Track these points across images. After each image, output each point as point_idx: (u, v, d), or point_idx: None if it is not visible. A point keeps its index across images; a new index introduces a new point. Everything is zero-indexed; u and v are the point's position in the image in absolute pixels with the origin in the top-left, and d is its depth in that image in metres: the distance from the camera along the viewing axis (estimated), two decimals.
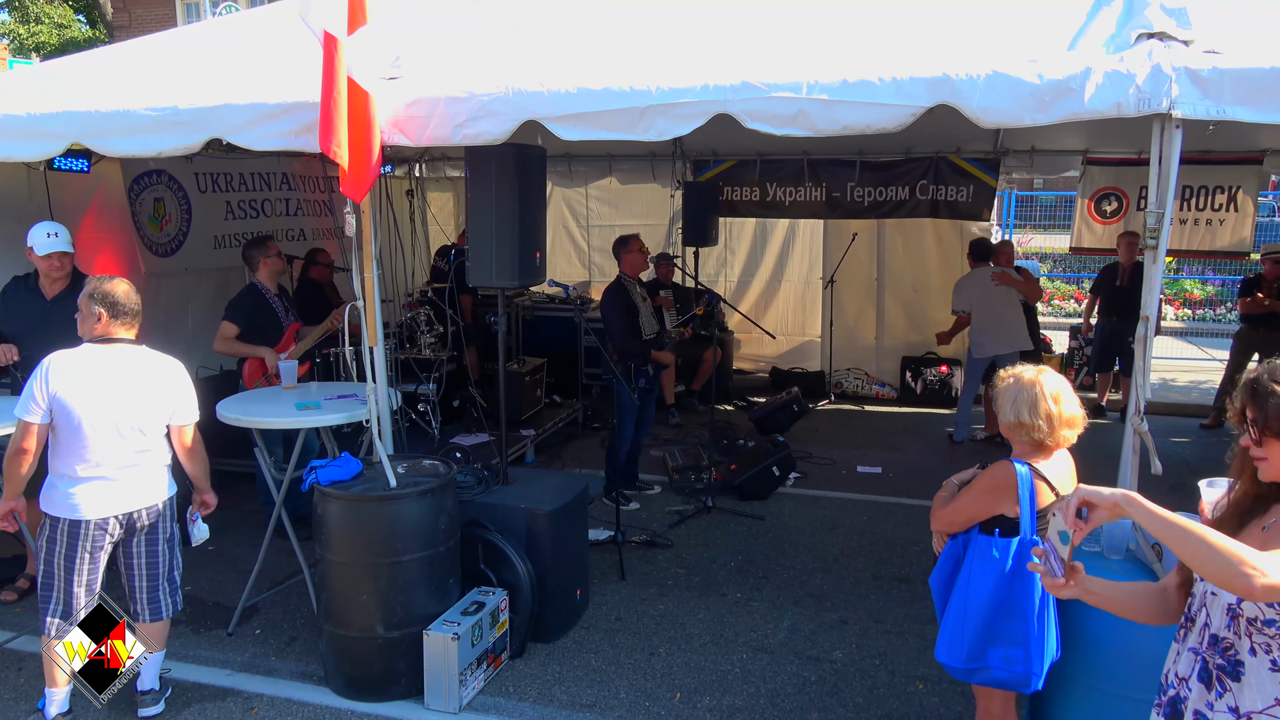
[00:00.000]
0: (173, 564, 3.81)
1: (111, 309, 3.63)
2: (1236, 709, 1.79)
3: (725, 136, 6.39)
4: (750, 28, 4.04)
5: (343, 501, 3.84)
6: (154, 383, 3.68)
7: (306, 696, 3.99)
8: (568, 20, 4.47)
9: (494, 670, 4.12)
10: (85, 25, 26.87)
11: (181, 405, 3.77)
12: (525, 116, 3.65)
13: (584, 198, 10.87)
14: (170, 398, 3.72)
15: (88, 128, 4.31)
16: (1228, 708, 1.81)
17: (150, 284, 6.94)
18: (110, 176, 6.62)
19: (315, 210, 8.71)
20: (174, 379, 3.76)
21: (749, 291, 10.52)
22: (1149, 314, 3.21)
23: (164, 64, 4.89)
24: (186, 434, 3.79)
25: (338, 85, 3.69)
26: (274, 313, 5.61)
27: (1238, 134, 7.05)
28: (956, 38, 3.57)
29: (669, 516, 6.20)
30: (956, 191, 8.97)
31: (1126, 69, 3.10)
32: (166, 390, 3.72)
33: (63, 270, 4.88)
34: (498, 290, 4.51)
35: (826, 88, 3.33)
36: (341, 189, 3.81)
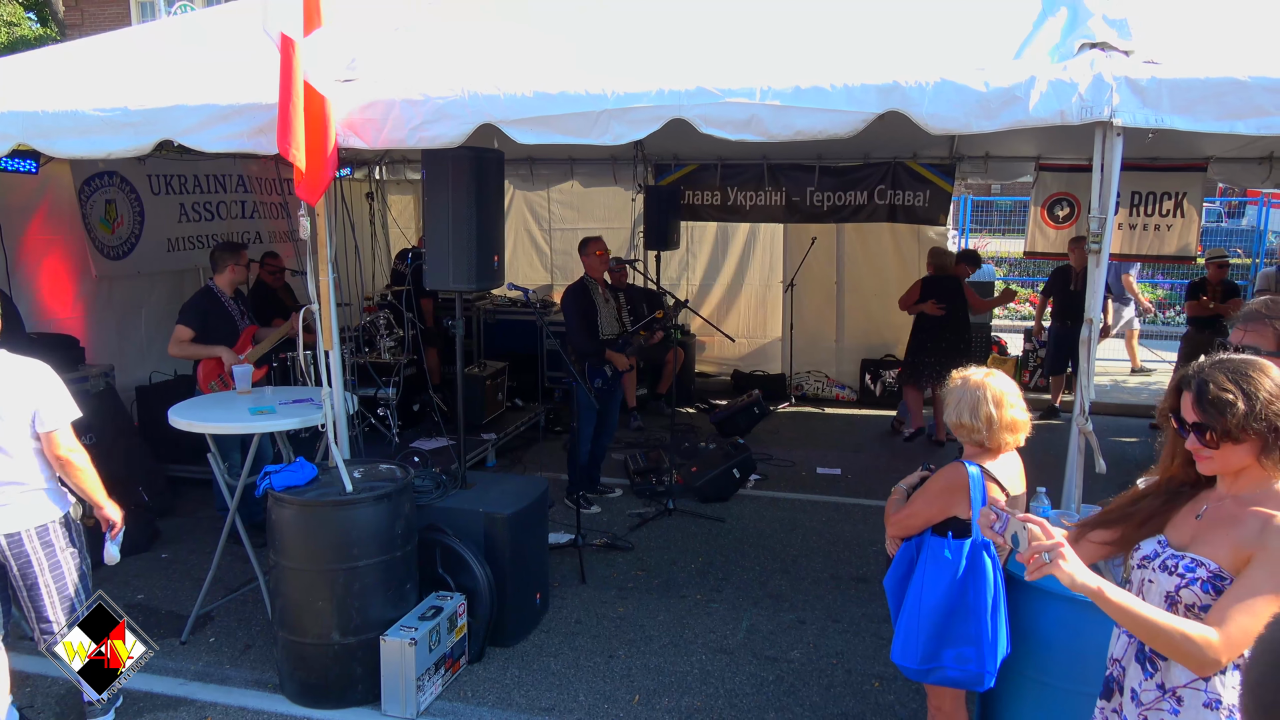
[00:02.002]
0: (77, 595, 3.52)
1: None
2: (1163, 685, 1.87)
3: (687, 140, 6.41)
4: (705, 31, 4.08)
5: (297, 507, 3.80)
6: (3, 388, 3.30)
7: (261, 705, 3.94)
8: (524, 19, 4.47)
9: (452, 675, 4.11)
10: (36, 23, 26.29)
11: (44, 408, 3.33)
12: (481, 120, 3.65)
13: (546, 201, 10.86)
14: (26, 402, 3.32)
15: (35, 128, 4.23)
16: (1156, 685, 1.88)
17: (102, 287, 6.83)
18: (60, 178, 6.50)
19: (271, 212, 8.62)
20: (29, 381, 3.35)
21: (711, 295, 10.58)
22: (1092, 316, 3.29)
23: (116, 64, 4.81)
24: (56, 441, 3.35)
25: (295, 87, 3.66)
26: (229, 316, 5.55)
27: (1183, 142, 7.24)
28: (907, 46, 3.63)
29: (630, 519, 6.22)
30: (913, 196, 9.10)
31: (1070, 78, 3.18)
32: (19, 395, 3.32)
33: None
34: (455, 293, 4.49)
35: (779, 94, 3.37)
36: (297, 192, 3.78)
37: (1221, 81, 3.10)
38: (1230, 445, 1.78)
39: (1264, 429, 1.74)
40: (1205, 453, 1.84)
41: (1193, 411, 1.82)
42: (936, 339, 7.91)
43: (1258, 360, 1.83)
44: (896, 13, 3.98)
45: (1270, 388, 1.75)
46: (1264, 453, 1.77)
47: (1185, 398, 1.84)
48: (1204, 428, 1.79)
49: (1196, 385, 1.81)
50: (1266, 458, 1.77)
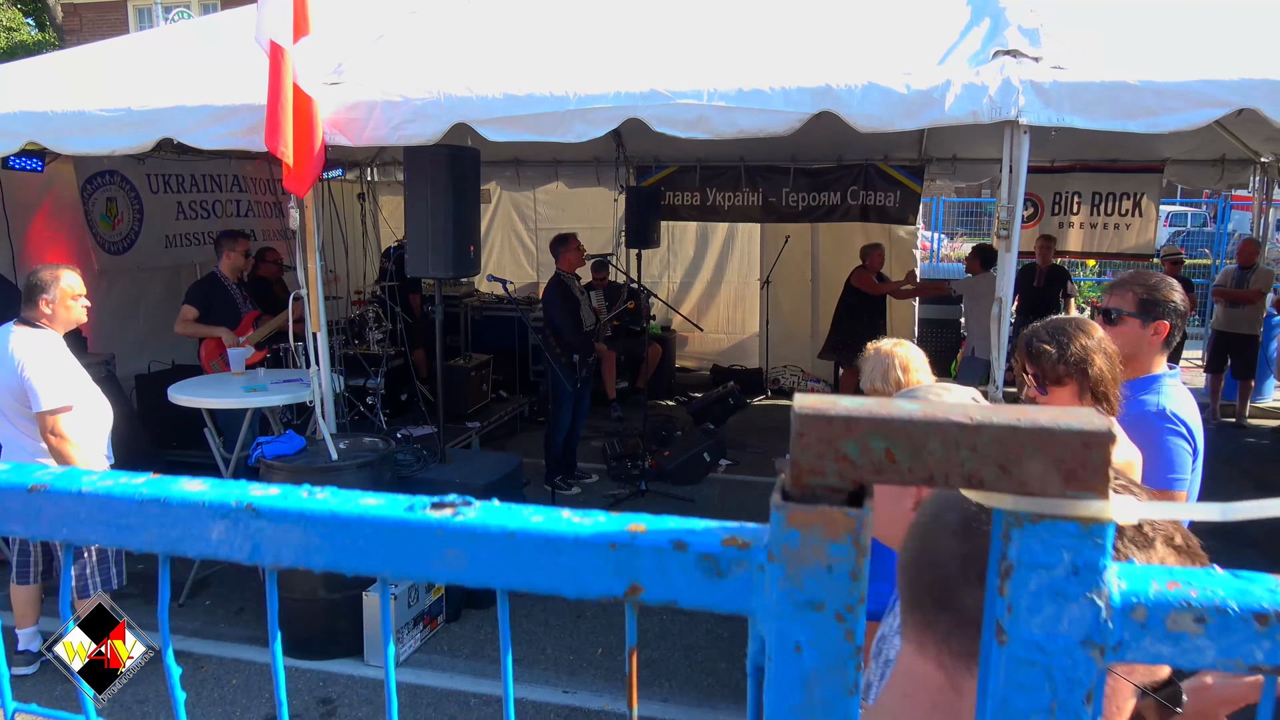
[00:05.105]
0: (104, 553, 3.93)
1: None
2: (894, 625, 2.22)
3: (667, 143, 6.77)
4: (658, 35, 4.44)
5: (285, 472, 4.14)
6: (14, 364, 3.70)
7: (253, 657, 4.28)
8: (496, 27, 4.83)
9: (430, 631, 4.44)
10: (34, 29, 26.61)
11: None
12: (455, 119, 4.00)
13: (532, 201, 11.20)
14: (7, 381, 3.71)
15: (44, 127, 4.57)
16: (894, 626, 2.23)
17: (103, 280, 7.15)
18: (63, 176, 6.83)
19: (266, 211, 8.95)
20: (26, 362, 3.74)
21: (692, 292, 10.93)
22: (1002, 295, 3.64)
23: (118, 68, 5.16)
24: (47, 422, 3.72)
25: (284, 89, 4.00)
26: (233, 301, 5.91)
27: (1141, 145, 7.61)
28: (842, 51, 3.99)
29: (605, 500, 6.55)
30: (885, 197, 9.44)
31: (981, 81, 3.54)
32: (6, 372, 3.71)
33: None
34: (435, 281, 4.84)
35: (724, 95, 3.73)
36: (285, 184, 4.12)
37: (1115, 85, 3.47)
38: (1055, 388, 2.14)
39: (1076, 373, 2.09)
40: (1044, 400, 2.19)
41: (1025, 362, 2.18)
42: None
43: (1079, 319, 2.19)
44: (834, 20, 4.34)
45: (1082, 340, 2.11)
46: (1081, 396, 2.12)
47: (1019, 352, 2.20)
48: (1030, 374, 2.16)
49: (1025, 341, 2.17)
50: (1084, 400, 2.13)
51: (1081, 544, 0.32)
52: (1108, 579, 0.33)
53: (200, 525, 0.40)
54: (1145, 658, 0.33)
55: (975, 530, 0.69)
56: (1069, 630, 0.33)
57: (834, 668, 0.34)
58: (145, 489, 0.41)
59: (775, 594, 0.34)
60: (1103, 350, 2.15)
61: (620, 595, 0.36)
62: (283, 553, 0.40)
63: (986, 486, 0.32)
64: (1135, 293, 2.70)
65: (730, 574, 0.35)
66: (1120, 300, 2.72)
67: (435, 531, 0.38)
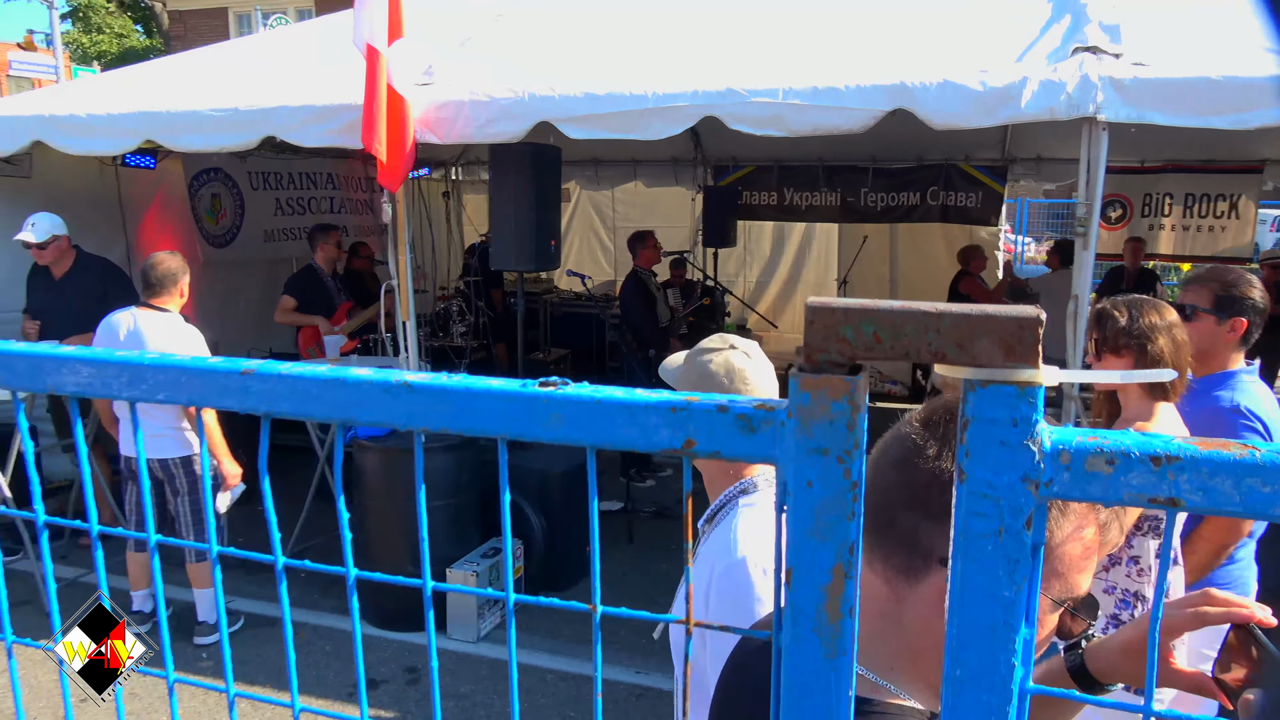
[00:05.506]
0: (194, 517, 4.29)
1: (144, 281, 4.28)
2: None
3: (744, 142, 6.87)
4: (733, 34, 4.55)
5: (378, 453, 4.38)
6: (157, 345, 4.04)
7: (345, 625, 4.53)
8: (577, 30, 5.01)
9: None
10: (143, 35, 28.06)
11: None
12: (538, 118, 4.17)
13: (610, 200, 11.40)
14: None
15: (160, 126, 4.92)
16: None
17: (207, 271, 7.58)
18: (173, 173, 7.28)
19: (357, 209, 9.35)
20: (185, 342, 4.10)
21: (768, 291, 10.98)
22: (1078, 292, 3.65)
23: (224, 71, 5.51)
24: None
25: (379, 91, 4.24)
26: (328, 292, 6.24)
27: (1239, 145, 7.41)
28: (917, 49, 4.04)
29: (674, 494, 6.68)
30: (966, 198, 9.35)
31: (1059, 78, 3.55)
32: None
33: (47, 255, 5.25)
34: (517, 275, 5.04)
35: (799, 93, 3.82)
36: (379, 180, 4.36)
37: (1197, 81, 3.44)
38: (1110, 356, 2.18)
39: (1135, 346, 2.13)
40: (1095, 363, 2.24)
41: (1093, 327, 2.23)
42: None
43: (1159, 302, 2.22)
44: (911, 19, 4.39)
45: (1153, 318, 2.15)
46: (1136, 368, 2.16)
47: (1090, 317, 2.25)
48: (1095, 340, 2.21)
49: (1100, 306, 2.22)
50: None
51: (1019, 403, 0.43)
52: (1039, 431, 0.43)
53: (369, 398, 0.54)
54: (1072, 494, 0.44)
55: (911, 464, 0.82)
56: (1011, 469, 0.44)
57: (836, 498, 0.46)
58: (329, 373, 0.55)
59: (792, 442, 0.46)
60: (1170, 335, 2.18)
61: (679, 448, 0.48)
62: (430, 418, 0.53)
63: (948, 360, 0.44)
64: (1211, 289, 2.71)
65: (760, 430, 0.47)
66: (1196, 296, 2.72)
67: (543, 401, 0.51)
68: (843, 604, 0.47)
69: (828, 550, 0.47)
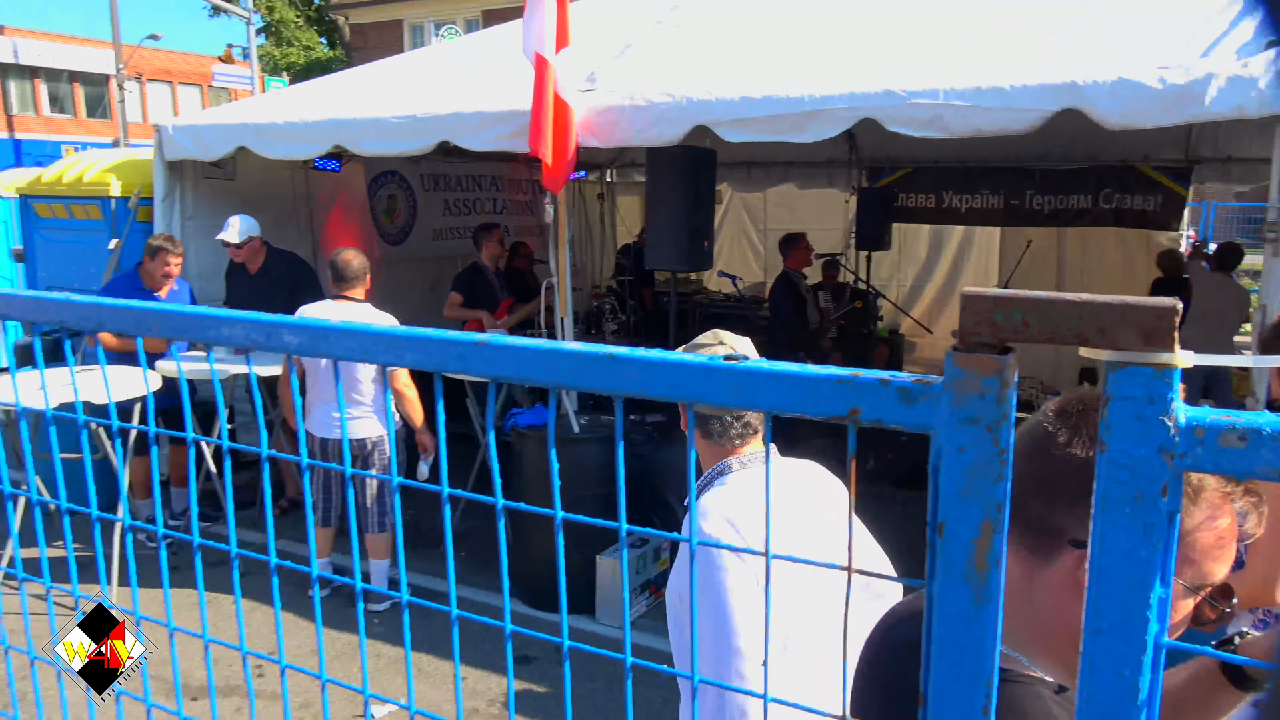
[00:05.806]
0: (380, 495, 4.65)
1: (337, 275, 4.59)
2: None
3: (900, 143, 6.77)
4: (891, 34, 4.51)
5: (535, 440, 4.60)
6: None
7: (499, 603, 4.78)
8: (734, 34, 5.08)
9: (654, 600, 4.77)
10: (327, 47, 30.13)
11: None
12: (696, 121, 4.28)
13: (762, 202, 11.40)
14: None
15: (348, 132, 5.33)
16: None
17: (382, 269, 8.12)
18: (355, 176, 7.84)
19: (519, 210, 9.76)
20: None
21: (923, 296, 10.69)
22: (1268, 303, 3.43)
23: (403, 81, 5.90)
24: (395, 376, 4.53)
25: (546, 97, 4.46)
26: (492, 288, 6.61)
27: None
28: (1089, 45, 3.89)
29: None
30: (1144, 200, 8.81)
31: (1249, 74, 3.35)
32: None
33: (243, 254, 5.80)
34: (670, 274, 5.17)
35: (961, 94, 3.76)
36: (544, 182, 4.58)
37: None
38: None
39: None
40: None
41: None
42: None
43: None
44: (1082, 15, 4.22)
45: None
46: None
47: None
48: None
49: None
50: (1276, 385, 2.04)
51: (1155, 382, 0.48)
52: (1174, 409, 0.48)
53: (581, 365, 0.65)
54: (1205, 466, 0.48)
55: (1042, 451, 0.89)
56: (1147, 442, 0.49)
57: (986, 463, 0.53)
58: (545, 346, 0.66)
59: (947, 413, 0.53)
60: None
61: (845, 415, 0.56)
62: (627, 383, 0.63)
63: (1090, 344, 0.49)
64: None
65: (917, 401, 0.54)
66: None
67: (725, 373, 0.59)
68: (989, 556, 0.53)
69: (976, 508, 0.53)
